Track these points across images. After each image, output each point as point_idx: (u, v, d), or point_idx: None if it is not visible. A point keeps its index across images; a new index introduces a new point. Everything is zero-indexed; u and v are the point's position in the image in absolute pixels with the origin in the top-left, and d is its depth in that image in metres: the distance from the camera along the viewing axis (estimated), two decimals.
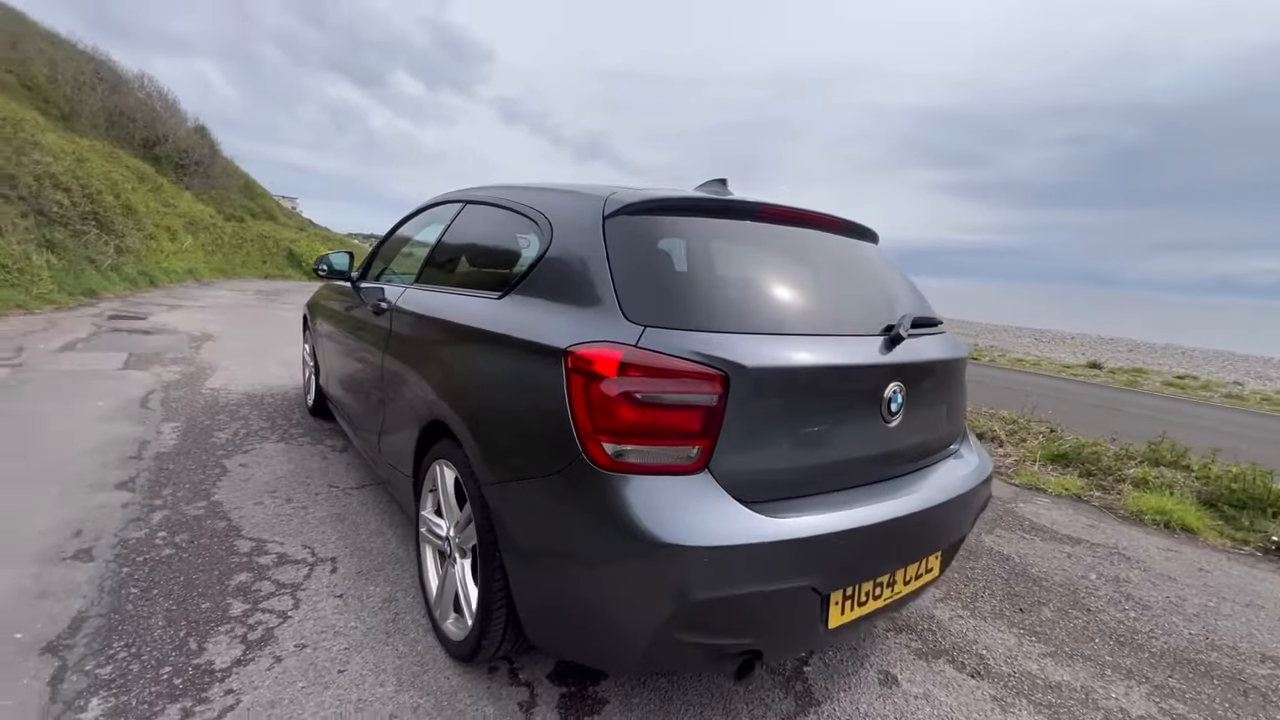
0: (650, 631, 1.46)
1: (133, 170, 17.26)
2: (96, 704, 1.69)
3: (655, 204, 1.82)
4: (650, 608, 1.44)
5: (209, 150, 31.19)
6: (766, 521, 1.49)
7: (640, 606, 1.45)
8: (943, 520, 1.93)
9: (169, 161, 26.54)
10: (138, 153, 23.85)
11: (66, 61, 23.47)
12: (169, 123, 28.56)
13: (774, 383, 1.57)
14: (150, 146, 26.43)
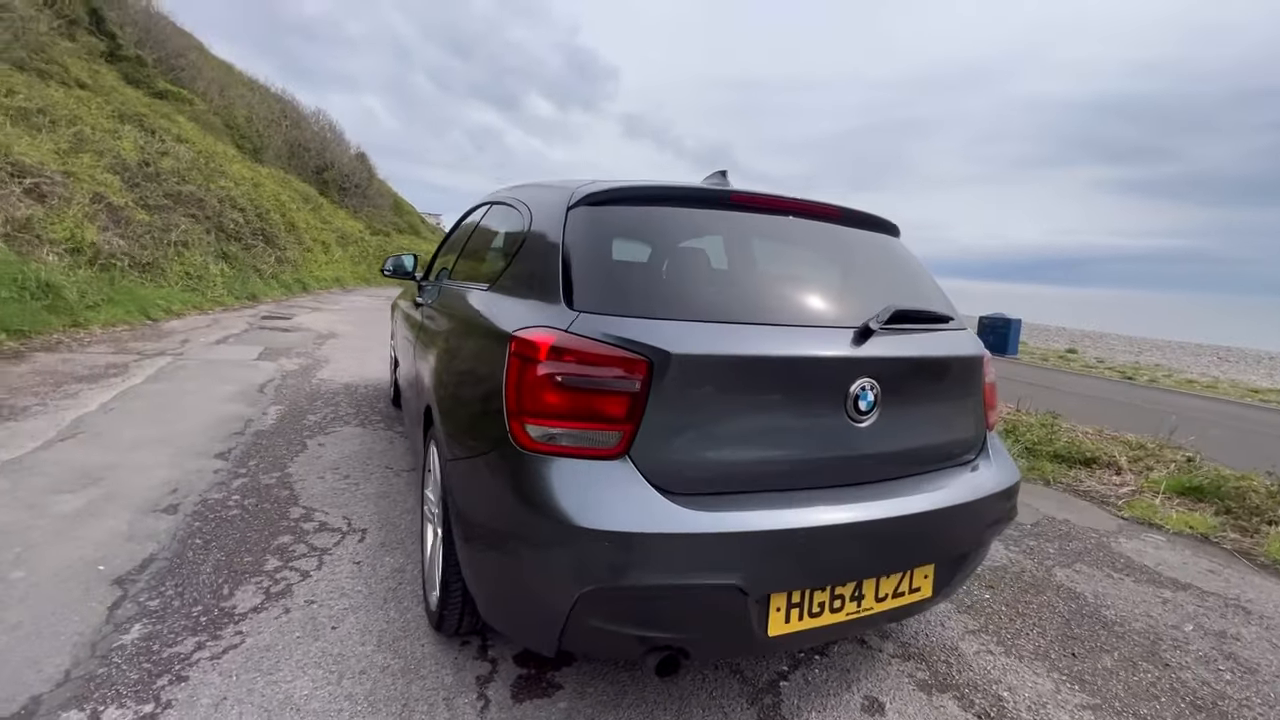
0: (562, 614, 1.46)
1: (299, 192, 19.92)
2: (136, 629, 2.00)
3: (616, 194, 1.83)
4: (560, 590, 1.45)
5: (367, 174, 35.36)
6: (683, 513, 1.44)
7: (552, 588, 1.47)
8: (931, 532, 1.75)
9: (334, 184, 30.40)
10: (309, 178, 27.57)
11: (260, 103, 27.74)
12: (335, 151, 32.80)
13: (704, 371, 1.52)
14: (320, 172, 30.43)
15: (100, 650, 1.89)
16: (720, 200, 1.89)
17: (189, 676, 1.81)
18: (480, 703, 1.80)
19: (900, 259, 2.19)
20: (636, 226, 1.83)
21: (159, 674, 1.81)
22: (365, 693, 1.81)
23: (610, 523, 1.40)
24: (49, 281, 6.28)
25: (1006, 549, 3.23)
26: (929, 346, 1.85)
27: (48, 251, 6.75)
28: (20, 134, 7.70)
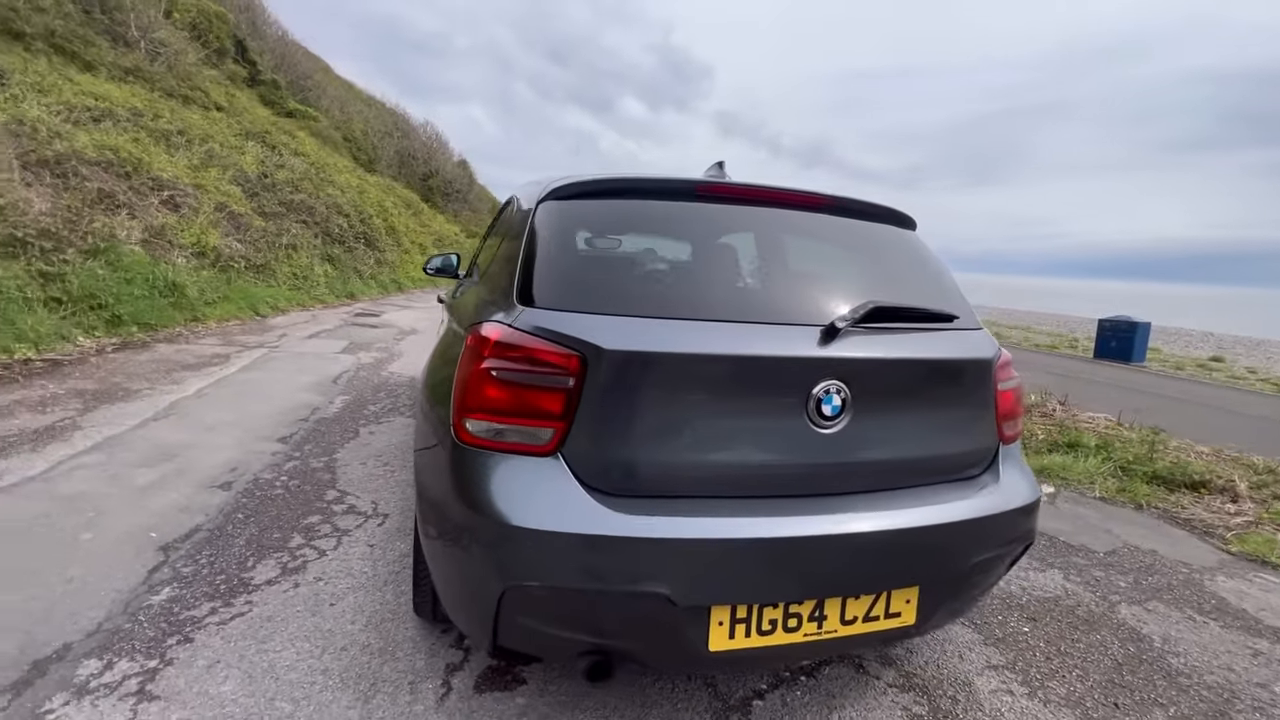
0: (491, 610, 1.46)
1: (401, 198, 21.40)
2: (166, 591, 2.22)
3: (582, 188, 1.80)
4: (487, 586, 1.44)
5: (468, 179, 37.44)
6: (610, 515, 1.39)
7: (481, 583, 1.46)
8: (913, 553, 1.59)
9: (438, 190, 32.50)
10: (415, 184, 29.63)
11: (376, 117, 30.14)
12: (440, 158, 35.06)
13: (642, 369, 1.46)
14: (426, 179, 32.60)
15: (131, 608, 2.12)
16: (687, 192, 1.81)
17: (194, 639, 1.98)
18: (443, 689, 1.84)
19: (906, 253, 2.00)
20: (601, 220, 1.79)
21: (171, 634, 1.99)
22: (341, 668, 1.90)
23: (532, 520, 1.38)
24: (175, 281, 7.14)
25: (1066, 579, 2.88)
26: (917, 348, 1.67)
27: (177, 255, 7.67)
28: (160, 152, 8.84)
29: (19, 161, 6.32)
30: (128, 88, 10.24)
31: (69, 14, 11.42)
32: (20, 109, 6.91)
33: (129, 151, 8.01)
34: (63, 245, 6.17)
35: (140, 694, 1.73)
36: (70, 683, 1.76)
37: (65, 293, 5.85)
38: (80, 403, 4.22)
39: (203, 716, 1.67)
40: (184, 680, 1.80)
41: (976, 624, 2.43)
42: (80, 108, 8.16)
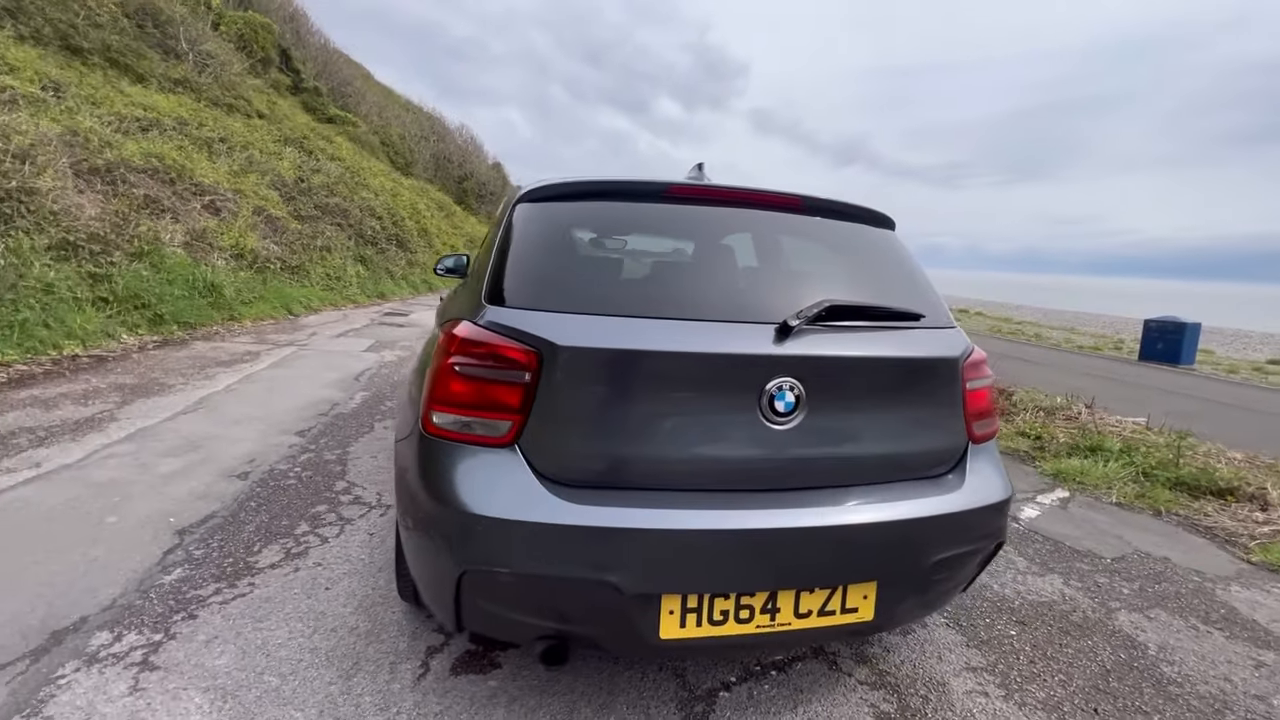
0: (451, 592, 1.54)
1: (435, 200, 21.89)
2: (177, 572, 2.38)
3: (556, 190, 1.87)
4: (446, 570, 1.52)
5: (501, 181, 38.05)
6: (561, 504, 1.46)
7: (441, 568, 1.54)
8: (869, 548, 1.60)
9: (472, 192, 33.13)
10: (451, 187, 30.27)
11: (413, 121, 30.90)
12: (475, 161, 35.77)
13: (595, 365, 1.52)
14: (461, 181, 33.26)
15: (145, 586, 2.27)
16: (657, 194, 1.86)
17: (198, 616, 2.12)
18: (420, 670, 1.93)
19: (878, 252, 2.01)
20: (572, 222, 1.85)
21: (177, 610, 2.14)
22: (329, 647, 2.01)
23: (486, 508, 1.45)
24: (213, 282, 7.50)
25: (1065, 584, 2.82)
26: (876, 346, 1.69)
27: (217, 257, 8.05)
28: (203, 159, 9.28)
29: (72, 170, 6.73)
30: (175, 98, 10.77)
31: (124, 29, 12.05)
32: (75, 120, 7.36)
33: (174, 159, 8.44)
34: (110, 248, 6.55)
35: (143, 664, 1.87)
36: (82, 652, 1.90)
37: (111, 293, 6.21)
38: (119, 396, 4.50)
39: (196, 687, 1.80)
40: (183, 653, 1.93)
41: (961, 625, 2.41)
42: (130, 118, 8.64)
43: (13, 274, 5.34)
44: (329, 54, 25.21)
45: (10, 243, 5.49)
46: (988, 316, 29.02)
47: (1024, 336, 19.95)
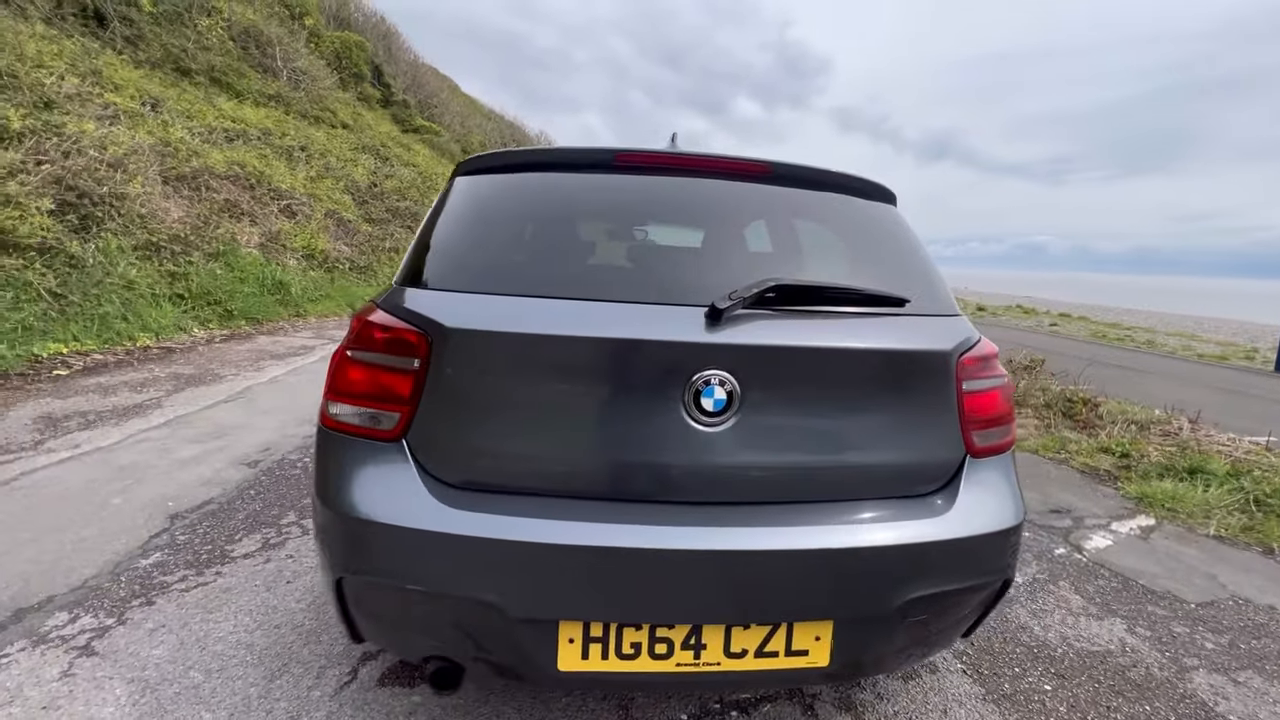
0: (334, 600, 1.39)
1: None
2: (155, 557, 2.40)
3: (493, 161, 1.70)
4: (326, 574, 1.38)
5: None
6: (440, 509, 1.28)
7: (323, 571, 1.41)
8: (823, 581, 1.33)
9: None
10: None
11: (494, 130, 32.10)
12: None
13: (488, 350, 1.33)
14: None
15: (119, 570, 2.30)
16: (605, 163, 1.65)
17: (155, 603, 2.11)
18: (348, 678, 1.81)
19: (866, 229, 1.70)
20: (505, 195, 1.66)
21: (138, 596, 2.14)
22: (265, 645, 1.93)
23: (359, 509, 1.30)
24: (282, 280, 7.95)
25: (1129, 631, 2.34)
26: (835, 334, 1.39)
27: (289, 257, 8.54)
28: (281, 166, 9.91)
29: (161, 177, 7.32)
30: (264, 110, 11.58)
31: (229, 50, 13.12)
32: (168, 132, 8.03)
33: (254, 166, 9.05)
34: (190, 249, 7.06)
35: (84, 649, 1.86)
36: (35, 631, 1.92)
37: (187, 290, 6.68)
38: (172, 385, 4.77)
39: (123, 675, 1.76)
40: (125, 640, 1.91)
41: (982, 673, 2.03)
42: (219, 129, 9.35)
43: (99, 272, 5.83)
44: (418, 68, 26.58)
45: (100, 243, 6.00)
46: (1092, 321, 26.43)
47: (1132, 344, 17.96)
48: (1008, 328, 20.88)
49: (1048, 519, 3.41)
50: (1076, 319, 27.46)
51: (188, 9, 12.31)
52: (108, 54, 8.91)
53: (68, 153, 6.13)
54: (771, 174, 1.68)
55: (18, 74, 6.43)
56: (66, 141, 6.19)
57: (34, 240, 5.34)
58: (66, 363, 4.91)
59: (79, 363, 5.01)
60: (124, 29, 10.37)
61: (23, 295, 5.07)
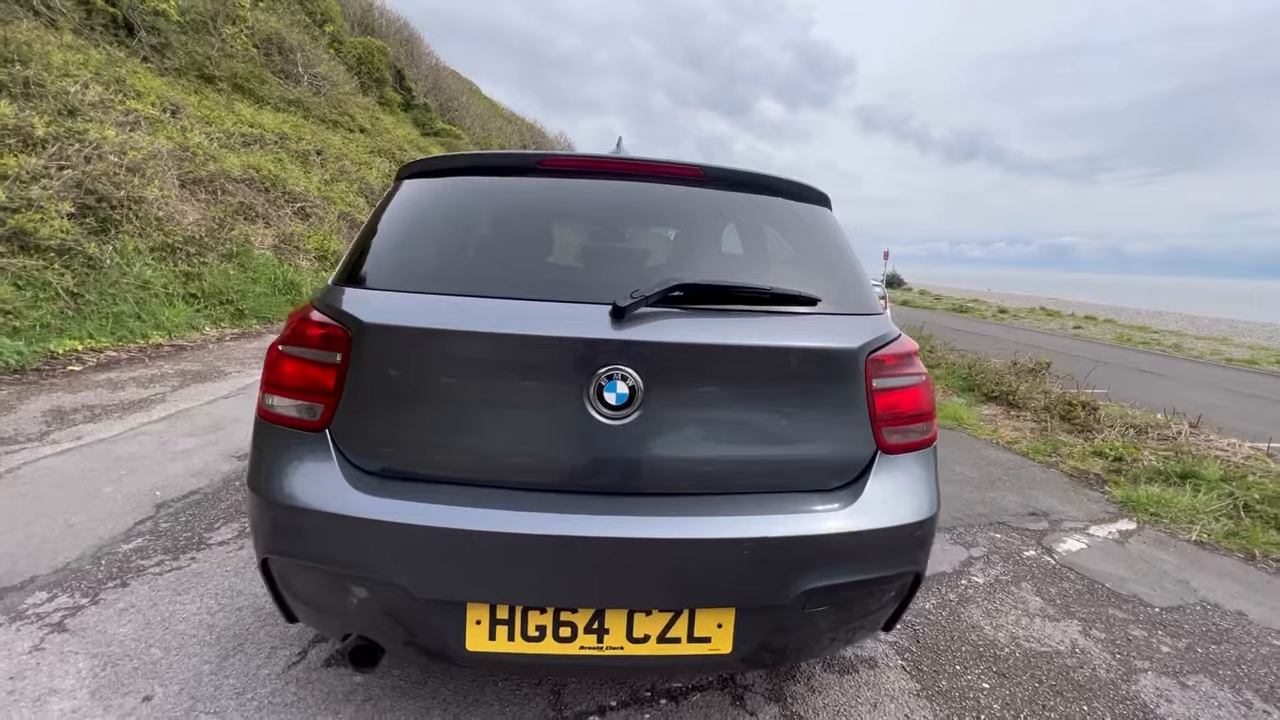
0: (264, 580, 1.48)
1: None
2: (136, 542, 2.53)
3: (428, 166, 1.77)
4: (257, 555, 1.47)
5: None
6: (352, 494, 1.35)
7: (255, 552, 1.49)
8: (719, 568, 1.37)
9: None
10: None
11: (514, 132, 32.49)
12: None
13: (402, 345, 1.40)
14: None
15: (101, 553, 2.43)
16: (530, 167, 1.71)
17: (129, 584, 2.23)
18: (297, 658, 1.90)
19: (794, 230, 1.74)
20: (438, 198, 1.73)
21: (111, 578, 2.26)
22: (225, 626, 2.03)
23: (281, 494, 1.38)
24: (293, 280, 8.17)
25: (1084, 633, 2.33)
26: (740, 333, 1.44)
27: (301, 258, 8.77)
28: (296, 170, 10.18)
29: (178, 180, 7.59)
30: (281, 115, 11.90)
31: (252, 58, 13.50)
32: (186, 138, 8.31)
33: (269, 170, 9.31)
34: (205, 250, 7.31)
35: (56, 626, 1.98)
36: (14, 609, 2.05)
37: (201, 290, 6.92)
38: (178, 381, 4.96)
39: (88, 650, 1.87)
40: (95, 619, 2.03)
41: (922, 670, 2.05)
42: (236, 134, 9.64)
43: (116, 272, 6.07)
44: (439, 72, 27.00)
45: (117, 245, 6.25)
46: (1119, 324, 25.78)
47: (1158, 347, 17.50)
48: (1027, 330, 20.49)
49: (1023, 522, 3.39)
50: (1103, 322, 26.81)
51: (213, 18, 12.70)
52: (132, 62, 9.25)
53: (89, 158, 6.40)
54: (702, 177, 1.72)
55: (44, 83, 6.73)
56: (88, 147, 6.47)
57: (54, 242, 5.59)
58: (81, 359, 5.13)
59: (93, 359, 5.24)
60: (151, 38, 10.75)
61: (41, 294, 5.31)
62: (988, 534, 3.19)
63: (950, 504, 3.57)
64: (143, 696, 1.71)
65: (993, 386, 6.46)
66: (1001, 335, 17.35)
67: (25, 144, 5.96)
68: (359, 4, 22.26)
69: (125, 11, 10.42)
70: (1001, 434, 5.20)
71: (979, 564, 2.85)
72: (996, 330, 19.50)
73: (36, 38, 7.34)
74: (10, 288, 5.15)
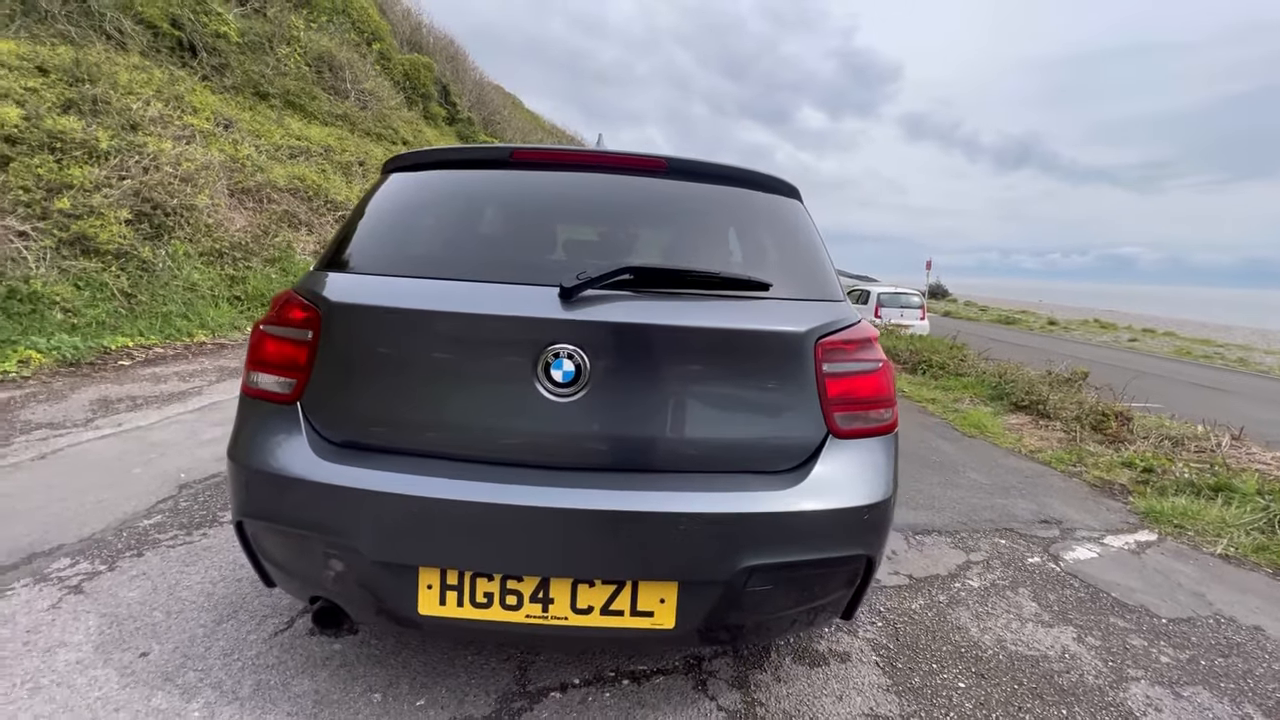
0: (241, 545, 1.59)
1: None
2: (157, 518, 2.71)
3: (408, 160, 1.88)
4: (234, 520, 1.57)
5: None
6: (315, 462, 1.44)
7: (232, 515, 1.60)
8: (659, 541, 1.40)
9: None
10: None
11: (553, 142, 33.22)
12: None
13: (365, 323, 1.49)
14: None
15: (124, 526, 2.61)
16: (502, 160, 1.79)
17: (144, 555, 2.39)
18: (284, 626, 2.01)
19: (758, 221, 1.78)
20: (417, 189, 1.83)
21: (129, 549, 2.43)
22: (224, 595, 2.16)
23: (253, 460, 1.49)
24: None
25: (1079, 640, 2.25)
26: (685, 315, 1.48)
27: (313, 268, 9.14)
28: (338, 179, 10.66)
29: (228, 190, 8.05)
30: (328, 129, 12.49)
31: (303, 75, 14.22)
32: (236, 150, 8.82)
33: (313, 180, 9.78)
34: (249, 255, 7.72)
35: (74, 589, 2.14)
36: (39, 572, 2.23)
37: (244, 292, 7.31)
38: (216, 376, 5.26)
39: (99, 611, 2.02)
40: (110, 584, 2.18)
41: (896, 667, 2.02)
42: (284, 146, 10.17)
43: (167, 274, 6.48)
44: (483, 87, 27.85)
45: (169, 249, 6.67)
46: (1179, 337, 24.51)
47: (1221, 361, 16.55)
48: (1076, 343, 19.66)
49: (1032, 529, 3.28)
50: (1162, 334, 25.53)
51: (269, 39, 13.45)
52: (192, 81, 9.87)
53: (146, 169, 6.87)
54: (666, 169, 1.78)
55: (110, 100, 7.27)
56: (146, 159, 6.94)
57: (112, 246, 6.01)
58: (131, 355, 5.50)
59: (141, 355, 5.60)
60: (212, 59, 11.46)
61: (99, 294, 5.72)
62: (991, 539, 3.11)
63: (953, 509, 3.49)
64: (140, 652, 1.84)
65: (1022, 395, 6.25)
66: (1046, 347, 16.71)
67: (90, 156, 6.44)
68: (408, 23, 23.19)
69: (189, 34, 11.15)
70: (1025, 443, 5.03)
71: (977, 568, 2.78)
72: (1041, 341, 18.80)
73: (106, 59, 7.93)
74: (71, 288, 5.56)
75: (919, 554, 2.88)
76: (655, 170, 1.78)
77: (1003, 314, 33.57)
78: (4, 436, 3.53)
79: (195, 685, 1.72)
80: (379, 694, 1.73)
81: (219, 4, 12.17)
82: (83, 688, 1.68)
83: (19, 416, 3.88)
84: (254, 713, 1.63)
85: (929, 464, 4.39)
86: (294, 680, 1.76)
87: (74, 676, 1.72)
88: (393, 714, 1.66)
